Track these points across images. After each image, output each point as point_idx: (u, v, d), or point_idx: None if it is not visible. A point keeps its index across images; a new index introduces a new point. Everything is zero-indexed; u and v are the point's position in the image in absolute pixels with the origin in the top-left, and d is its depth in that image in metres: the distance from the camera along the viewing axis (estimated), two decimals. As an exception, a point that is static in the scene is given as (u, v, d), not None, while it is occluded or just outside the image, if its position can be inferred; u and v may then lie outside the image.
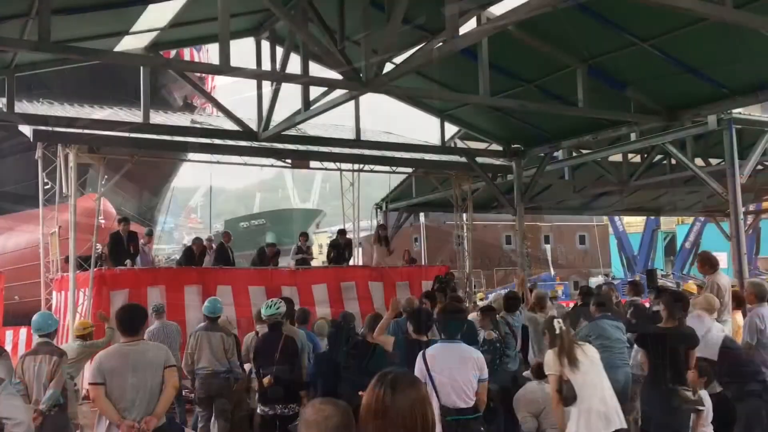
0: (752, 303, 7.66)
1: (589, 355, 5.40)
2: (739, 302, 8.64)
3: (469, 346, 5.39)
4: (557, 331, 5.43)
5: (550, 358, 5.50)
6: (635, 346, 7.26)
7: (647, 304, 12.61)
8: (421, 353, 5.09)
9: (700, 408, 5.90)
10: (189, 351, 8.00)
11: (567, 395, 5.30)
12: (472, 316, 8.81)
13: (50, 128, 11.19)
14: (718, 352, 6.59)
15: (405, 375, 2.34)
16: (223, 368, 7.89)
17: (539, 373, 6.96)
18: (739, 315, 8.73)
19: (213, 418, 8.12)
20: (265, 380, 6.92)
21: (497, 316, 8.47)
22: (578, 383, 5.26)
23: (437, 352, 5.10)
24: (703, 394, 6.14)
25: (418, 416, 2.21)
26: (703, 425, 5.99)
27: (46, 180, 13.03)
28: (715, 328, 6.89)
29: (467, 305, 14.10)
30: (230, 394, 7.98)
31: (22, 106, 12.17)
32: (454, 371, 4.97)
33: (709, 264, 8.76)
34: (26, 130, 11.26)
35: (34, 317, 6.46)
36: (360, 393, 3.81)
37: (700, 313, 6.96)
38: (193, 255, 13.83)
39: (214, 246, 14.68)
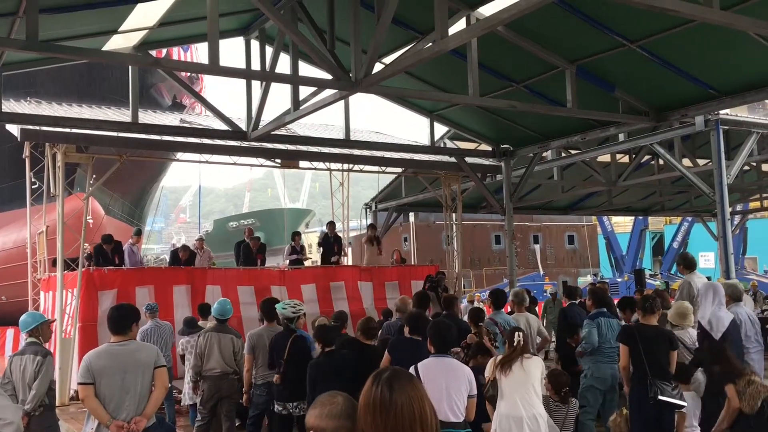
0: (728, 304, 7.80)
1: (526, 367, 5.73)
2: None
3: (459, 362, 5.46)
4: (515, 343, 5.81)
5: (489, 363, 5.99)
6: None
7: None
8: (413, 367, 5.09)
9: (681, 404, 5.98)
10: (198, 351, 7.96)
11: (489, 393, 5.81)
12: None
13: (38, 127, 11.12)
14: None
15: (401, 372, 2.37)
16: (231, 370, 7.85)
17: None
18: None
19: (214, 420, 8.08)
20: (275, 378, 6.99)
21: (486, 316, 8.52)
22: (504, 387, 5.67)
23: (430, 365, 5.14)
24: (691, 395, 6.21)
25: (416, 412, 2.24)
26: (685, 425, 6.06)
27: (33, 179, 12.96)
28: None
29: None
30: (237, 396, 7.94)
31: (10, 105, 12.09)
32: (446, 385, 5.01)
33: (684, 264, 8.88)
34: (14, 129, 11.19)
35: (22, 317, 6.40)
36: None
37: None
38: (178, 261, 13.79)
39: (205, 246, 14.63)
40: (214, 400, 7.87)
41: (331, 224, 15.99)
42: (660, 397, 5.95)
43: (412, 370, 5.07)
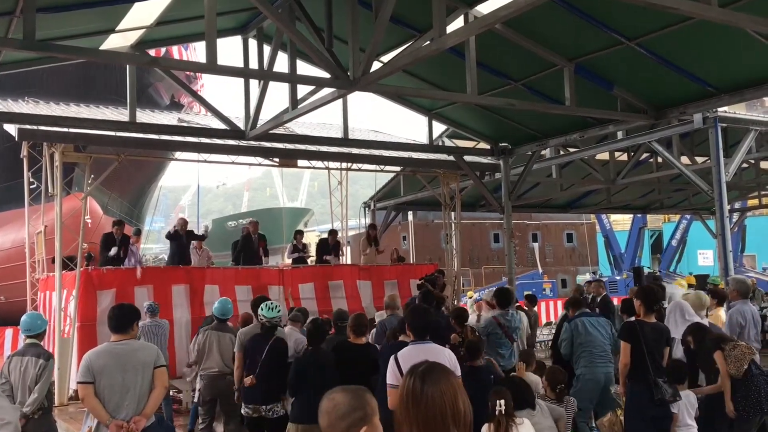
0: (735, 299, 7.80)
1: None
2: (720, 299, 8.74)
3: (440, 346, 5.38)
4: (496, 412, 5.30)
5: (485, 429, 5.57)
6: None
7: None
8: (393, 356, 5.05)
9: (677, 400, 5.99)
10: (198, 349, 7.96)
11: None
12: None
13: (36, 127, 11.11)
14: None
15: (436, 366, 2.43)
16: (229, 370, 7.81)
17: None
18: (721, 311, 8.85)
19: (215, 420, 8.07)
20: (247, 380, 6.90)
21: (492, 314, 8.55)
22: None
23: (409, 353, 5.06)
24: (686, 393, 6.20)
25: (448, 405, 2.29)
26: (679, 424, 6.06)
27: (31, 179, 12.94)
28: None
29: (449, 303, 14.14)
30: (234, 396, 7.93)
31: (7, 105, 12.08)
32: None
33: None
34: (11, 128, 11.18)
35: (23, 318, 6.39)
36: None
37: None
38: (179, 236, 13.75)
39: (204, 246, 14.60)
40: (212, 399, 7.87)
41: (333, 232, 15.95)
42: (667, 399, 5.88)
43: (392, 360, 5.04)
